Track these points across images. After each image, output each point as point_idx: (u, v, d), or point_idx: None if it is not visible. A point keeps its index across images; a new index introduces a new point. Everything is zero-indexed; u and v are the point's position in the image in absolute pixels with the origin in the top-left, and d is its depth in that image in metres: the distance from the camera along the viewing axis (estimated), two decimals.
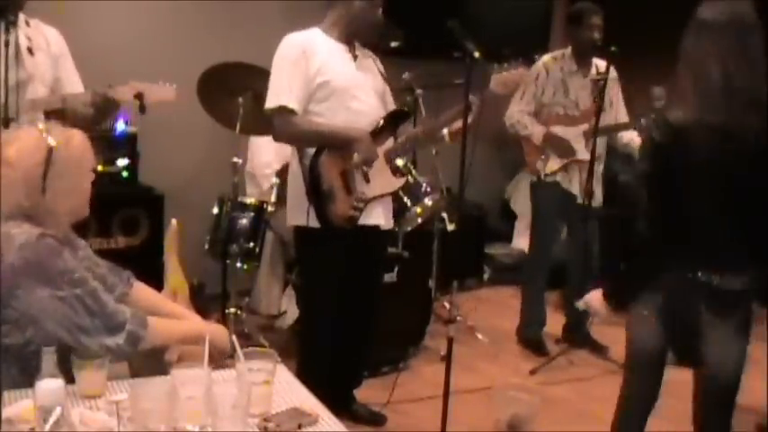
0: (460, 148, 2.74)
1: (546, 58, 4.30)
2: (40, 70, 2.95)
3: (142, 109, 2.79)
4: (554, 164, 4.22)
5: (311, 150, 3.02)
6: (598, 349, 4.37)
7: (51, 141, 1.95)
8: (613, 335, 4.57)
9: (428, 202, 3.85)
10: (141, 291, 2.26)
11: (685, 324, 2.40)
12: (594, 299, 2.50)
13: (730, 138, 2.15)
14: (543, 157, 4.23)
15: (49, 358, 1.57)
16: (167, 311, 2.21)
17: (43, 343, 1.86)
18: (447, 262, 4.42)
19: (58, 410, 1.52)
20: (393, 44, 4.73)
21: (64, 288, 1.88)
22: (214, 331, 2.06)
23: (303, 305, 3.62)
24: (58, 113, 2.89)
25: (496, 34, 4.28)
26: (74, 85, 3.09)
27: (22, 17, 2.91)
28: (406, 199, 3.79)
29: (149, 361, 2.05)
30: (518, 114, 4.27)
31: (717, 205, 2.23)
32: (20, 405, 1.65)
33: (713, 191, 2.21)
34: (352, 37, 3.09)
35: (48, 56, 2.99)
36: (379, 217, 3.15)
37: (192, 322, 2.20)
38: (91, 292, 1.92)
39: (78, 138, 2.03)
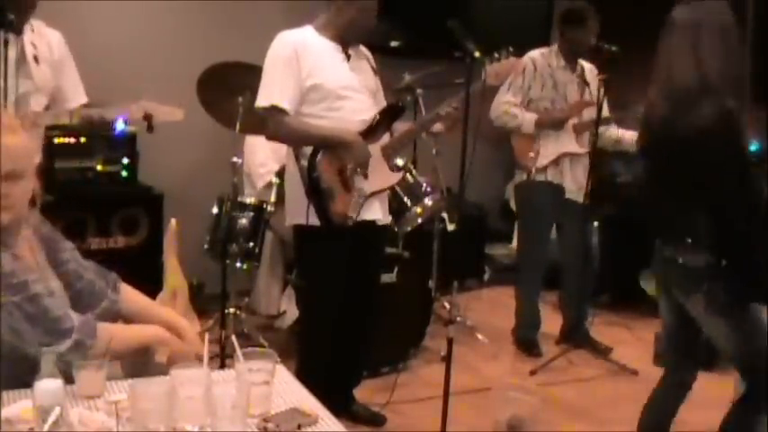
0: (461, 148, 2.74)
1: (533, 52, 4.24)
2: (44, 80, 2.94)
3: (150, 128, 2.84)
4: (545, 158, 4.20)
5: (308, 150, 3.02)
6: (598, 350, 4.36)
7: None
8: (613, 335, 4.59)
9: (428, 202, 3.84)
10: (129, 294, 2.24)
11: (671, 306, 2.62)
12: None
13: (678, 126, 2.35)
14: (532, 154, 4.20)
15: (48, 358, 1.56)
16: (155, 315, 2.19)
17: None
18: (447, 262, 4.41)
19: (56, 411, 1.51)
20: (393, 44, 4.73)
21: (0, 293, 1.84)
22: (163, 335, 2.08)
23: (303, 304, 3.61)
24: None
25: (497, 34, 4.26)
26: (77, 94, 3.07)
27: None
28: (406, 199, 3.78)
29: (142, 362, 2.04)
30: (504, 106, 4.19)
31: (671, 185, 2.48)
32: (19, 405, 1.65)
33: (668, 172, 2.48)
34: (346, 38, 3.08)
35: (50, 64, 2.98)
36: (376, 212, 3.16)
37: (151, 327, 2.15)
38: (31, 297, 1.87)
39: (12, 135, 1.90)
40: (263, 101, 3.00)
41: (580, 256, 4.30)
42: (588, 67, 4.22)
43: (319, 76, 2.98)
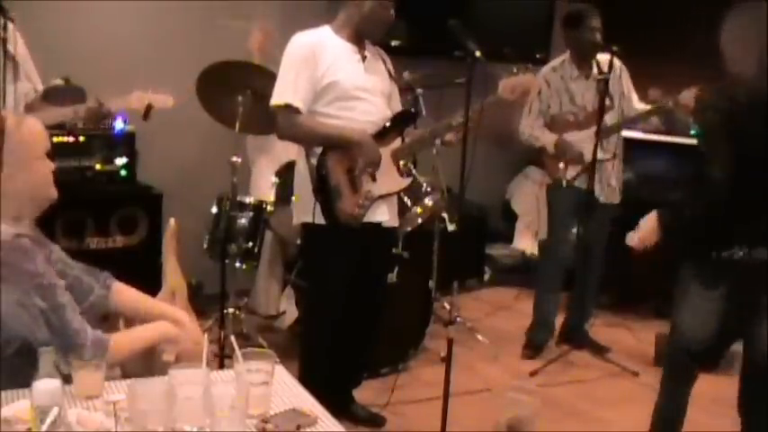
0: (461, 149, 2.73)
1: (544, 70, 4.24)
2: (29, 73, 2.94)
3: (146, 117, 2.95)
4: (574, 170, 4.19)
5: (319, 148, 3.02)
6: (599, 351, 4.35)
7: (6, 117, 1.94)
8: (613, 336, 4.58)
9: (428, 202, 3.84)
10: (121, 292, 2.24)
11: (746, 306, 2.57)
12: (649, 220, 2.67)
13: None
14: (562, 165, 4.20)
15: (46, 358, 1.55)
16: (150, 309, 2.20)
17: (6, 342, 1.85)
18: (447, 262, 4.39)
19: (55, 411, 1.50)
20: (394, 43, 4.71)
21: (30, 294, 1.85)
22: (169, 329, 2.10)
23: (307, 303, 3.60)
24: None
25: (498, 33, 4.28)
26: (36, 85, 3.06)
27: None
28: (406, 199, 3.78)
29: (141, 363, 2.03)
30: (528, 128, 4.24)
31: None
32: (17, 405, 1.64)
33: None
34: (363, 37, 3.09)
35: (23, 57, 2.96)
36: (384, 214, 3.15)
37: (157, 324, 2.16)
38: (56, 307, 1.90)
39: (30, 121, 2.03)
40: (277, 99, 3.01)
41: (596, 258, 4.30)
42: (605, 60, 4.10)
43: (335, 75, 2.99)
